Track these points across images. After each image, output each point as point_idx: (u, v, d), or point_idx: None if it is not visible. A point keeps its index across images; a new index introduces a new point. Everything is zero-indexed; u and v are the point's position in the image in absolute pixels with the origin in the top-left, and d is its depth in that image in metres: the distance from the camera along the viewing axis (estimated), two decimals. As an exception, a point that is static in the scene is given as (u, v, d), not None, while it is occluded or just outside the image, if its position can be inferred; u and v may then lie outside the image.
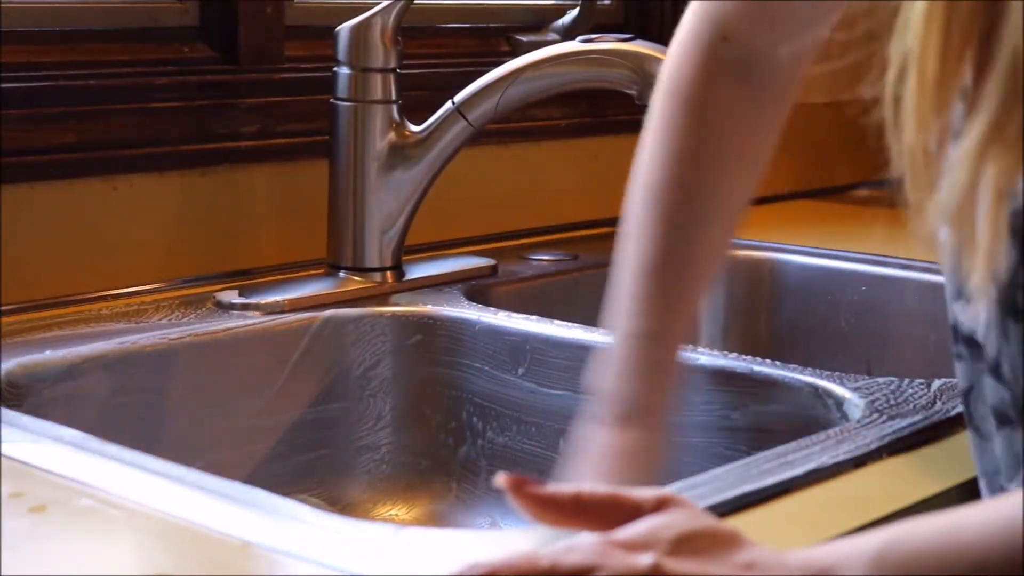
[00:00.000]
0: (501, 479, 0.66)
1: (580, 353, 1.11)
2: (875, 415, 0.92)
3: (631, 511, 0.65)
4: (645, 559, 0.61)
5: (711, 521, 0.65)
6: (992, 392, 0.74)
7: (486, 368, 1.18)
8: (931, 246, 0.70)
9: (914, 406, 0.94)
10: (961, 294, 0.76)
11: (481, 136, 1.30)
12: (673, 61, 0.92)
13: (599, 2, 1.61)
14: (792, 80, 0.94)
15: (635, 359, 0.85)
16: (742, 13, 0.91)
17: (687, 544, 0.62)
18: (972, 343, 0.76)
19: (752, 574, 0.61)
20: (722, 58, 0.90)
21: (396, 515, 1.17)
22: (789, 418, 1.03)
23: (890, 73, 0.64)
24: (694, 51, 0.91)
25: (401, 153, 1.25)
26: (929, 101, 0.63)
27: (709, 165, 0.90)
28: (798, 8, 0.91)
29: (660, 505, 0.65)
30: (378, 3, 1.23)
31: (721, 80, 0.90)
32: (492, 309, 1.21)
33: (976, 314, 0.74)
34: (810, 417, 1.01)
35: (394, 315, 1.20)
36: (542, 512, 0.66)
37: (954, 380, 0.99)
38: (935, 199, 0.64)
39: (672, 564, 0.61)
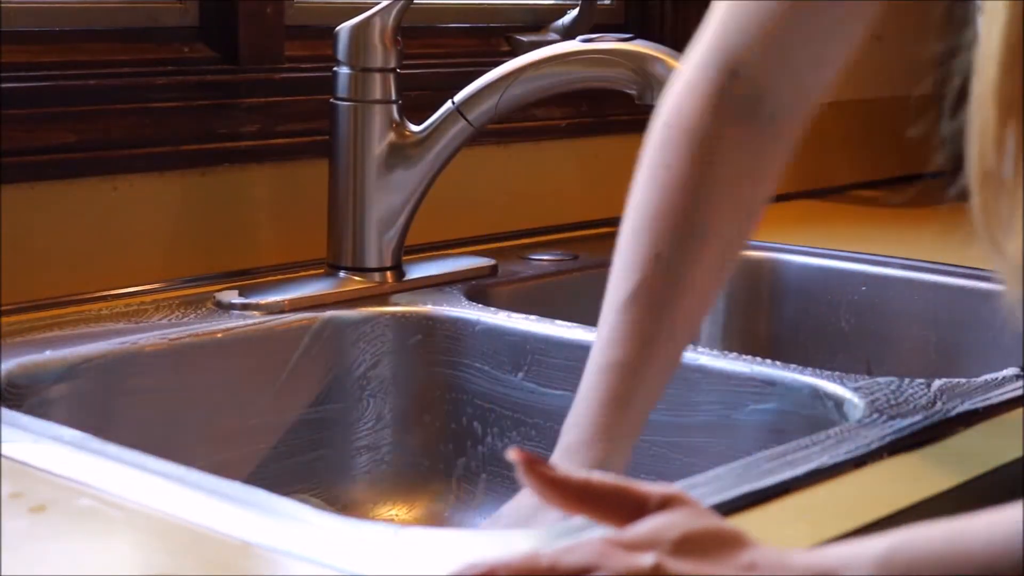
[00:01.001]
0: (514, 454, 0.66)
1: (580, 353, 1.09)
2: (875, 415, 0.92)
3: (636, 505, 0.65)
4: (646, 559, 0.61)
5: (715, 520, 0.65)
6: None
7: (486, 368, 1.18)
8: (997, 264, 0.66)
9: (914, 406, 0.94)
10: None
11: (481, 136, 1.30)
12: (676, 92, 0.90)
13: (599, 2, 1.61)
14: (797, 120, 0.91)
15: (598, 390, 0.86)
16: (755, 48, 0.88)
17: (689, 544, 0.62)
18: None
19: (754, 574, 0.61)
20: (729, 93, 0.88)
21: (396, 515, 1.17)
22: (789, 418, 1.03)
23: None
24: (700, 84, 0.89)
25: (401, 153, 1.25)
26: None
27: (704, 198, 0.88)
28: (812, 45, 0.88)
29: (665, 503, 0.65)
30: (378, 3, 1.23)
31: (726, 115, 0.88)
32: (492, 309, 1.21)
33: None
34: (810, 417, 1.01)
35: (394, 315, 1.20)
36: (550, 493, 0.66)
37: (954, 380, 0.99)
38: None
39: (673, 564, 0.61)
